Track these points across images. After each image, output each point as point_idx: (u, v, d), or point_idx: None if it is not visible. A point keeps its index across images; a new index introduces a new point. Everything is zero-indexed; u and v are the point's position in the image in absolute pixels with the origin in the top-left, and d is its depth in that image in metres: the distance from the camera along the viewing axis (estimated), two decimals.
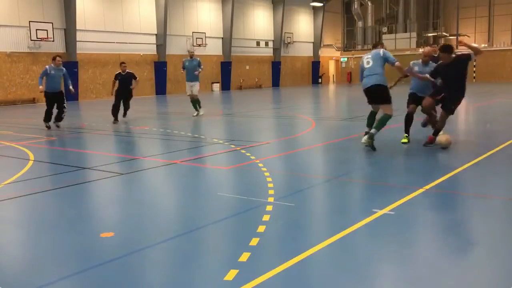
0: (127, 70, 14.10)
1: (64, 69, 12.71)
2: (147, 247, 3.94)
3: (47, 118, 12.39)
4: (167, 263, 3.71)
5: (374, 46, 8.57)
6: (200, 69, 14.80)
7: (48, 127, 12.25)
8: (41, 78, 12.31)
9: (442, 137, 7.85)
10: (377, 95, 7.92)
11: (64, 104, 12.53)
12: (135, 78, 14.17)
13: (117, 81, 13.95)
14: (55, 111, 12.49)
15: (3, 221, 4.87)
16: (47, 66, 12.47)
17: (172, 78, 31.28)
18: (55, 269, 3.58)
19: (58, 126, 12.44)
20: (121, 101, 13.94)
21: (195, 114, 14.74)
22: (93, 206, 5.45)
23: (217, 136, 10.50)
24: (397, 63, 7.76)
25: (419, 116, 8.84)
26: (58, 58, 12.47)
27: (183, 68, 15.07)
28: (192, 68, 14.81)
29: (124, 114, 14.22)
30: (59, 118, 12.51)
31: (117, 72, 14.15)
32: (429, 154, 7.56)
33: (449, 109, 7.83)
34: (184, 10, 31.95)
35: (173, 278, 3.40)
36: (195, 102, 14.86)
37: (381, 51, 7.95)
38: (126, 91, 14.00)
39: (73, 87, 12.90)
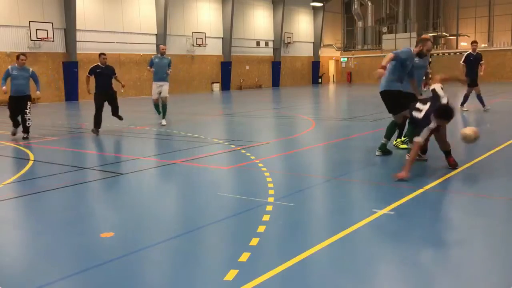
0: (107, 63, 11.81)
1: (30, 69, 10.94)
2: (147, 247, 3.94)
3: (15, 124, 10.81)
4: (167, 263, 3.71)
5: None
6: (170, 70, 12.92)
7: (14, 134, 10.76)
8: (4, 80, 10.73)
9: (468, 130, 6.52)
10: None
11: (27, 110, 10.67)
12: (114, 74, 11.84)
13: (95, 77, 11.47)
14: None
15: (3, 221, 4.87)
16: (9, 66, 10.92)
17: (172, 78, 31.22)
18: (55, 269, 3.58)
19: (25, 138, 10.45)
20: (104, 103, 11.42)
21: (164, 123, 12.57)
22: (93, 206, 5.45)
23: (217, 136, 10.50)
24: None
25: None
26: (22, 57, 10.72)
27: (151, 65, 12.86)
28: (162, 66, 12.80)
29: (119, 117, 11.88)
30: (25, 129, 10.62)
31: (94, 65, 11.59)
32: (429, 154, 7.55)
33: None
34: (184, 10, 31.94)
35: (173, 278, 3.40)
36: (164, 108, 12.82)
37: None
38: (108, 89, 11.53)
39: (39, 92, 11.18)
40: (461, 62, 14.15)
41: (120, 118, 11.94)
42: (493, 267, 3.45)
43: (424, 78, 8.38)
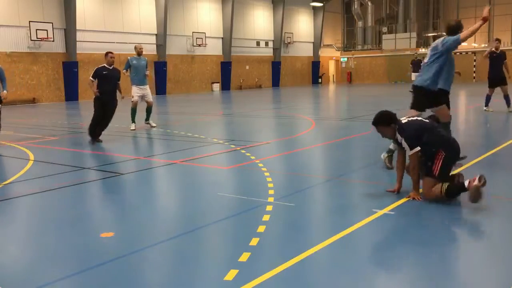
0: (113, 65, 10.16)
1: None
2: (147, 247, 3.94)
3: None
4: (167, 263, 3.71)
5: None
6: (148, 71, 12.07)
7: None
8: None
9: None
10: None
11: None
12: (119, 79, 10.18)
13: (99, 81, 9.75)
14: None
15: (3, 221, 4.87)
16: None
17: (172, 78, 31.29)
18: (55, 269, 3.58)
19: None
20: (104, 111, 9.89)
21: (154, 124, 12.19)
22: (93, 206, 5.45)
23: (217, 136, 10.50)
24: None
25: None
26: None
27: (127, 68, 11.82)
28: (141, 68, 11.87)
29: (98, 139, 9.82)
30: None
31: (100, 67, 9.93)
32: None
33: None
34: (184, 10, 31.95)
35: (173, 278, 3.40)
36: (149, 110, 12.20)
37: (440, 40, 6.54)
38: (112, 98, 9.93)
39: (7, 91, 9.63)
40: (483, 55, 13.57)
41: (99, 140, 9.81)
42: (494, 267, 3.45)
43: None
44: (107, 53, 10.09)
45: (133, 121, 11.86)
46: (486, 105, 13.56)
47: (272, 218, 4.50)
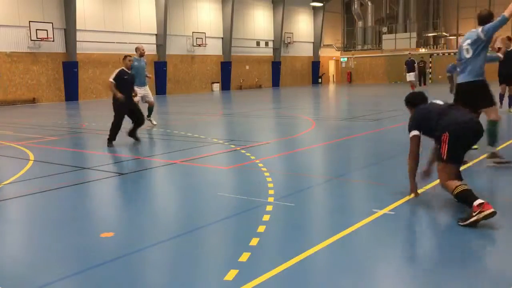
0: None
1: None
2: (147, 247, 3.94)
3: None
4: (167, 263, 3.71)
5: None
6: (148, 74, 12.39)
7: None
8: None
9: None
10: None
11: None
12: (134, 83, 10.00)
13: (117, 83, 9.34)
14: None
15: (3, 221, 4.87)
16: None
17: (172, 78, 31.29)
18: (55, 269, 3.58)
19: None
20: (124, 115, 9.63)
21: (154, 122, 12.46)
22: (93, 206, 5.44)
23: (217, 136, 10.49)
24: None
25: None
26: None
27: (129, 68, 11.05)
28: (142, 69, 12.09)
29: (135, 134, 9.71)
30: None
31: (120, 70, 9.55)
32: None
33: None
34: (184, 10, 31.96)
35: (173, 278, 3.40)
36: (151, 109, 12.42)
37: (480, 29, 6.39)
38: (131, 98, 9.74)
39: None
40: (501, 52, 13.35)
41: (136, 138, 9.69)
42: (494, 267, 3.45)
43: None
44: (125, 57, 9.87)
45: (149, 116, 12.20)
46: (509, 105, 13.20)
47: (272, 218, 4.50)
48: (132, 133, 9.68)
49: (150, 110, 12.37)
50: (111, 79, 9.39)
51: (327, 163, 7.69)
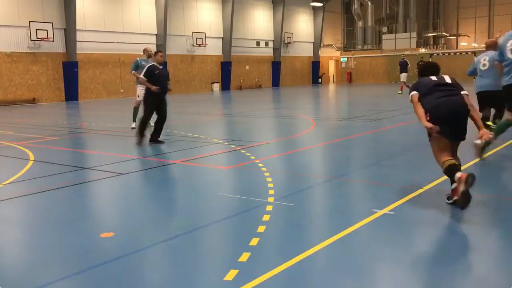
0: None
1: None
2: (147, 247, 3.94)
3: None
4: (167, 263, 3.71)
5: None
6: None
7: None
8: None
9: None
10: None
11: None
12: (168, 78, 10.02)
13: (149, 79, 9.39)
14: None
15: (3, 221, 4.87)
16: None
17: (172, 78, 31.22)
18: (55, 269, 3.58)
19: None
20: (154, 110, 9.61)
21: (134, 126, 11.70)
22: (93, 206, 5.45)
23: (217, 136, 10.49)
24: None
25: None
26: None
27: (135, 69, 11.86)
28: None
29: (157, 138, 9.52)
30: None
31: (150, 65, 9.58)
32: (429, 154, 7.55)
33: None
34: (184, 10, 31.95)
35: (173, 278, 3.40)
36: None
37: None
38: (163, 94, 9.59)
39: None
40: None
41: (159, 141, 9.51)
42: (494, 267, 3.45)
43: None
44: (156, 52, 9.91)
45: (134, 120, 11.85)
46: None
47: (272, 218, 4.50)
48: (155, 138, 9.53)
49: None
50: (141, 76, 9.60)
51: (327, 163, 7.69)
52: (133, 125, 11.77)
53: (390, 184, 5.77)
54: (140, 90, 11.72)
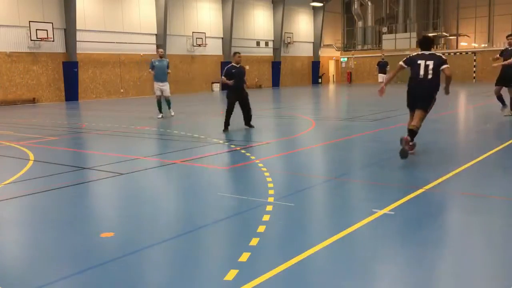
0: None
1: None
2: (147, 247, 3.94)
3: None
4: (167, 263, 3.71)
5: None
6: (169, 71, 14.89)
7: None
8: None
9: None
10: None
11: None
12: (245, 74, 11.75)
13: (229, 78, 11.18)
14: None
15: (3, 221, 4.87)
16: None
17: (172, 78, 31.24)
18: (55, 269, 3.58)
19: None
20: (235, 104, 11.29)
21: (172, 113, 14.84)
22: (93, 206, 5.45)
23: (217, 136, 10.49)
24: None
25: None
26: None
27: (152, 68, 14.68)
28: (163, 68, 14.72)
29: (250, 125, 11.48)
30: None
31: (229, 66, 11.48)
32: (429, 154, 7.56)
33: None
34: (184, 10, 31.94)
35: (173, 278, 3.40)
36: (168, 102, 14.85)
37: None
38: (242, 89, 11.27)
39: None
40: (497, 55, 12.36)
41: (251, 126, 11.42)
42: (493, 267, 3.45)
43: None
44: (234, 53, 11.90)
45: (160, 111, 14.56)
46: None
47: (272, 218, 4.50)
48: (247, 124, 11.50)
49: (168, 102, 14.72)
50: (222, 76, 11.36)
51: (327, 163, 7.69)
52: (159, 115, 14.35)
53: (390, 184, 5.77)
54: (156, 86, 14.54)
